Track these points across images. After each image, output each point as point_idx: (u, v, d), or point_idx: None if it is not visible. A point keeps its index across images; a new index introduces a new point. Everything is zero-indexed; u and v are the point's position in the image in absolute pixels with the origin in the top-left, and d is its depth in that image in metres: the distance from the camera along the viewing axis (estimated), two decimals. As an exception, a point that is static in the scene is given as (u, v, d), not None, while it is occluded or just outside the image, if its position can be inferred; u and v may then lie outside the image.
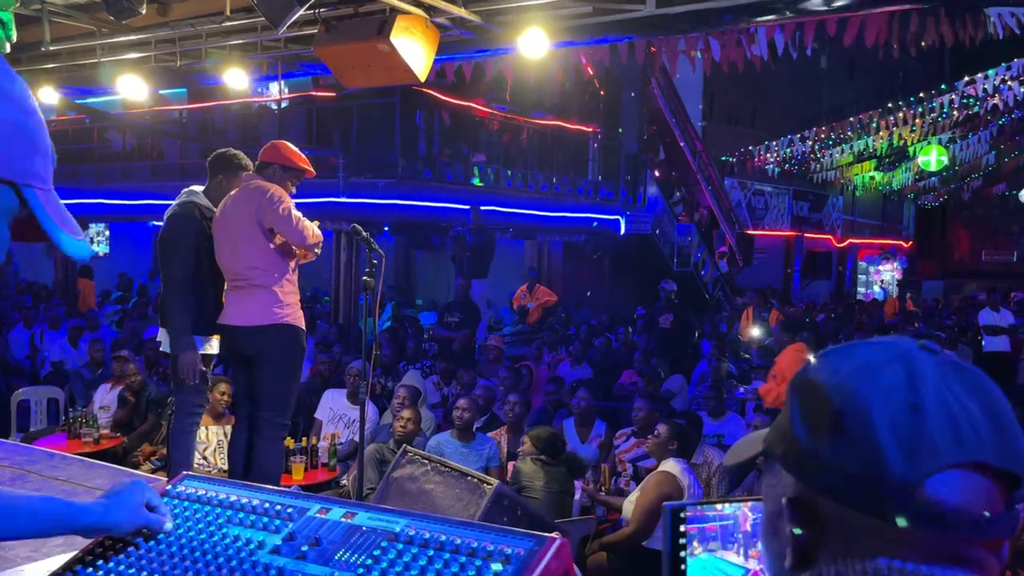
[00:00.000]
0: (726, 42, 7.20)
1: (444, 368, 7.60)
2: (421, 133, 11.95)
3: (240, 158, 4.27)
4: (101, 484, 2.80)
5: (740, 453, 0.94)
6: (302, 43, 6.85)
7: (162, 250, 4.14)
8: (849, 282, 25.60)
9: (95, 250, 18.40)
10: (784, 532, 0.76)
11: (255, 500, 1.44)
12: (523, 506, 3.27)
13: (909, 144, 17.71)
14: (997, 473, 0.71)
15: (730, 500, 1.64)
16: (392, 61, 5.20)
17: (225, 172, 4.22)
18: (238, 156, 4.28)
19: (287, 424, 4.16)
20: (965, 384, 0.73)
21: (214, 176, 4.25)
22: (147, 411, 6.34)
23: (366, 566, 1.23)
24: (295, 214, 3.90)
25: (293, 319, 3.99)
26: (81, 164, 14.43)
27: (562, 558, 1.19)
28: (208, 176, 4.29)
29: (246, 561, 1.29)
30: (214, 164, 4.27)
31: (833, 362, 0.78)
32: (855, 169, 20.86)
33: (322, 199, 10.29)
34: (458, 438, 5.22)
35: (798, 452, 0.76)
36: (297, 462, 5.12)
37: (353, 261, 10.40)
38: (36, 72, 7.98)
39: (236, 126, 13.26)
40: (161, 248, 4.15)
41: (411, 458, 3.47)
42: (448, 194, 11.69)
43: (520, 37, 5.79)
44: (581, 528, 4.39)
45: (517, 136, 13.82)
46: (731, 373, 8.44)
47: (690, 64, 7.95)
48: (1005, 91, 13.65)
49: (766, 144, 18.79)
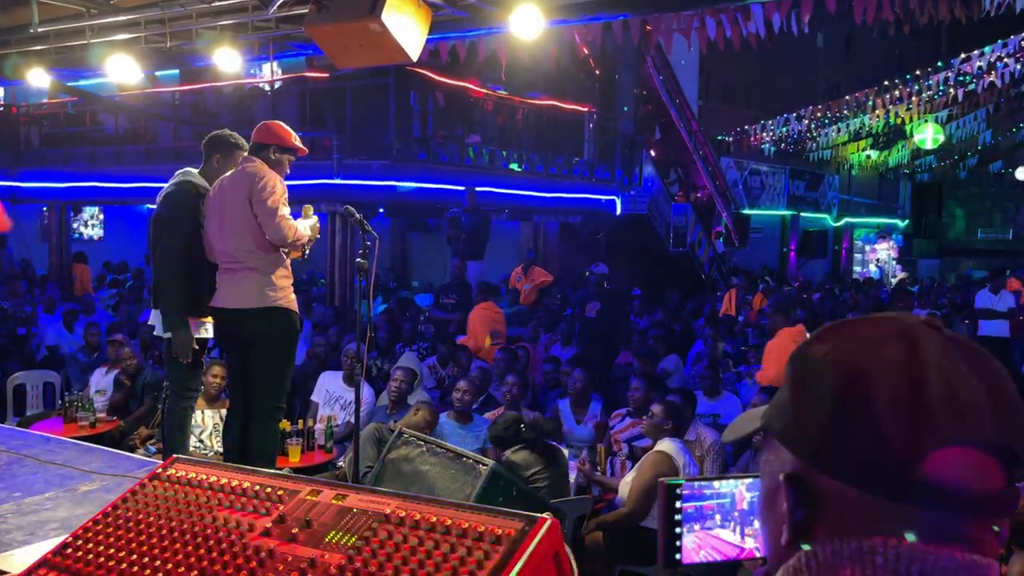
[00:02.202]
0: (722, 20, 7.14)
1: (442, 352, 7.60)
2: (415, 114, 11.88)
3: (236, 138, 4.26)
4: (97, 468, 2.80)
5: (739, 429, 0.93)
6: (293, 23, 6.79)
7: (157, 229, 4.12)
8: (845, 261, 25.63)
9: (90, 234, 18.35)
10: (781, 509, 0.76)
11: (246, 483, 1.44)
12: (518, 486, 3.28)
13: (905, 123, 17.65)
14: (997, 451, 0.71)
15: (726, 477, 1.64)
16: (384, 40, 5.15)
17: (222, 152, 4.22)
18: (234, 136, 4.27)
19: (282, 407, 4.16)
20: (967, 361, 0.72)
21: (210, 157, 4.24)
22: (143, 395, 6.35)
23: (356, 547, 1.23)
24: (281, 212, 3.86)
25: (286, 302, 3.98)
26: (74, 148, 14.34)
27: (553, 538, 1.19)
28: (204, 157, 4.27)
29: (236, 543, 1.28)
30: (210, 145, 4.25)
31: (834, 337, 0.77)
32: (851, 148, 20.81)
33: (316, 181, 10.24)
34: (456, 419, 5.23)
35: (797, 428, 0.75)
36: (294, 444, 5.14)
37: (348, 243, 10.38)
38: (26, 54, 7.90)
39: (229, 108, 13.17)
40: (156, 227, 4.13)
41: (407, 439, 3.47)
42: (443, 175, 11.65)
43: (512, 15, 5.74)
44: (577, 507, 4.40)
45: (512, 116, 13.74)
46: (727, 353, 8.45)
47: (685, 43, 7.89)
48: (1001, 68, 13.58)
49: (762, 123, 18.73)
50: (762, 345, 7.81)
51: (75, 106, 14.29)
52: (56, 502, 2.40)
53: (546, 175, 13.60)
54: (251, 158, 4.01)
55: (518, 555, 1.15)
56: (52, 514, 2.28)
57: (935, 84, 15.09)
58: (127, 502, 1.47)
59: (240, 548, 1.27)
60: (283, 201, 3.90)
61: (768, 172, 21.44)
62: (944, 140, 17.95)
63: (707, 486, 1.65)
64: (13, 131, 15.12)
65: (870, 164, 22.73)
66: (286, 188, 3.96)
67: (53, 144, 14.93)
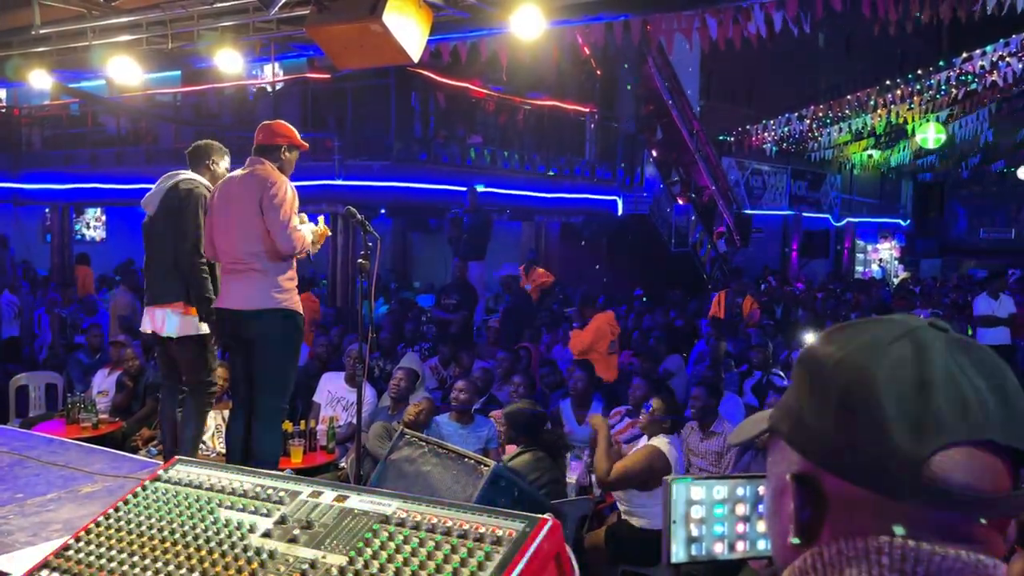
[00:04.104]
0: (723, 20, 7.14)
1: (444, 353, 7.60)
2: (416, 114, 11.89)
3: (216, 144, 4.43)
4: (100, 469, 2.80)
5: (745, 432, 0.93)
6: (294, 24, 6.79)
7: (179, 220, 4.11)
8: (847, 261, 25.61)
9: (92, 236, 18.37)
10: (787, 509, 0.76)
11: (247, 484, 1.44)
12: (520, 487, 3.28)
13: (907, 122, 17.64)
14: (1004, 451, 0.71)
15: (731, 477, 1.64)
16: (385, 41, 5.14)
17: (213, 156, 4.33)
18: (212, 143, 4.43)
19: (285, 408, 4.16)
20: (973, 362, 0.72)
21: (201, 164, 4.31)
22: (145, 396, 6.35)
23: (357, 548, 1.23)
24: (293, 222, 3.88)
25: (291, 304, 3.98)
26: (75, 149, 14.36)
27: (554, 539, 1.19)
28: (195, 166, 4.33)
29: (237, 544, 1.29)
30: (199, 154, 4.35)
31: (841, 338, 0.77)
32: (853, 148, 20.79)
33: (317, 182, 10.25)
34: (457, 420, 5.21)
35: (804, 428, 0.75)
36: (296, 445, 5.13)
37: (349, 244, 10.39)
38: (28, 56, 7.91)
39: (231, 109, 13.19)
40: (176, 219, 4.12)
41: (409, 440, 3.48)
42: (444, 176, 11.65)
43: (513, 16, 5.74)
44: (578, 508, 4.40)
45: (513, 117, 13.75)
46: (729, 352, 8.43)
47: (687, 43, 7.88)
48: (1003, 67, 13.56)
49: (764, 123, 18.72)
50: (764, 346, 7.82)
51: (77, 107, 14.31)
52: (58, 503, 2.40)
53: (547, 175, 13.61)
54: (259, 159, 4.01)
55: (519, 556, 1.15)
56: (54, 515, 2.28)
57: (937, 83, 15.07)
58: (129, 503, 1.47)
59: (242, 549, 1.27)
60: (294, 211, 3.92)
61: (770, 172, 21.43)
62: (946, 139, 17.93)
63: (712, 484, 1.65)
64: (15, 133, 15.14)
65: (872, 164, 22.72)
66: (296, 194, 3.97)
67: (55, 145, 14.95)
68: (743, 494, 1.39)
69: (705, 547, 1.37)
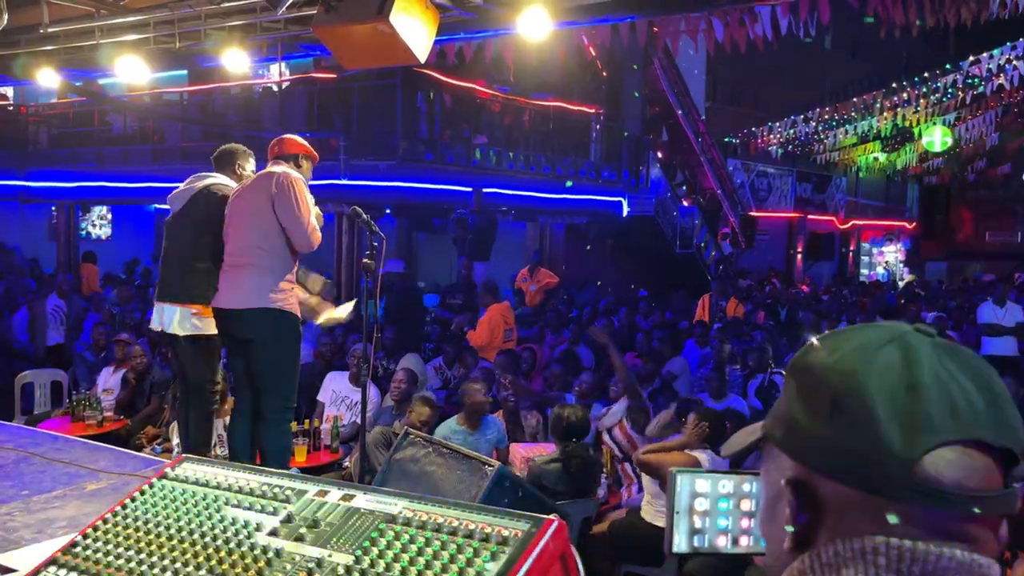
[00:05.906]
0: (729, 21, 7.14)
1: (448, 352, 7.58)
2: (422, 115, 11.90)
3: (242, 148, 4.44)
4: (104, 467, 2.80)
5: (737, 443, 0.95)
6: (302, 24, 6.80)
7: (210, 223, 4.07)
8: (852, 263, 25.55)
9: (98, 234, 18.41)
10: (783, 515, 0.77)
11: (253, 483, 1.44)
12: (524, 487, 3.28)
13: (913, 125, 17.60)
14: (994, 450, 0.72)
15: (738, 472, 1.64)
16: (392, 42, 5.15)
17: (239, 160, 4.35)
18: (238, 147, 4.44)
19: (292, 408, 4.12)
20: (960, 363, 0.74)
21: (227, 167, 4.31)
22: (150, 394, 6.36)
23: (363, 547, 1.23)
24: (312, 223, 3.88)
25: (288, 306, 3.92)
26: (82, 147, 14.40)
27: (559, 539, 1.20)
28: (221, 169, 4.32)
29: (244, 543, 1.29)
30: (225, 157, 4.34)
31: (830, 345, 0.79)
32: (858, 150, 20.76)
33: (323, 181, 10.25)
34: (465, 425, 5.10)
35: (797, 433, 0.77)
36: (300, 444, 5.13)
37: (354, 244, 10.40)
38: (36, 54, 7.94)
39: (237, 109, 13.21)
40: (210, 222, 4.08)
41: (413, 440, 3.47)
42: (450, 176, 11.66)
43: (520, 17, 5.74)
44: (583, 509, 4.40)
45: (519, 117, 13.75)
46: (733, 354, 8.42)
47: (692, 44, 7.89)
48: (1010, 71, 13.52)
49: (769, 125, 18.69)
50: (762, 347, 7.82)
51: (83, 106, 14.35)
52: (64, 500, 2.41)
53: (553, 176, 13.61)
54: (277, 162, 4.02)
55: (525, 556, 1.15)
56: (60, 512, 2.29)
57: (943, 86, 15.04)
58: (136, 500, 1.47)
59: (248, 547, 1.28)
60: (310, 210, 3.91)
61: (775, 174, 21.40)
62: (952, 142, 17.88)
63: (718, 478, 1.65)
64: (22, 131, 15.19)
65: (878, 166, 22.67)
66: (310, 193, 3.98)
67: (61, 144, 15.00)
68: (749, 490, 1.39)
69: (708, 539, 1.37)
